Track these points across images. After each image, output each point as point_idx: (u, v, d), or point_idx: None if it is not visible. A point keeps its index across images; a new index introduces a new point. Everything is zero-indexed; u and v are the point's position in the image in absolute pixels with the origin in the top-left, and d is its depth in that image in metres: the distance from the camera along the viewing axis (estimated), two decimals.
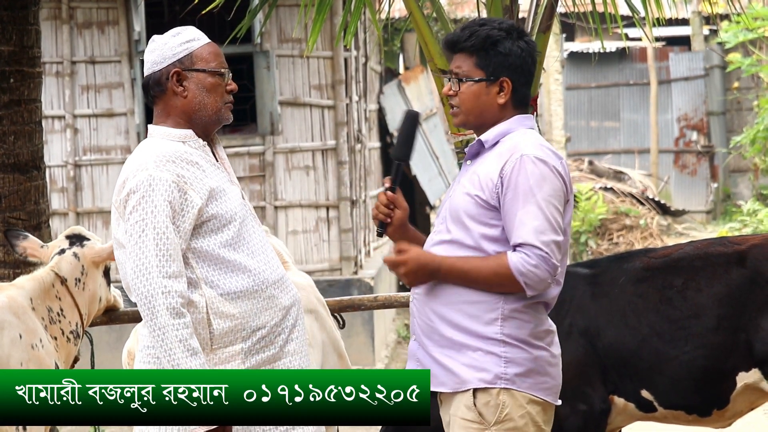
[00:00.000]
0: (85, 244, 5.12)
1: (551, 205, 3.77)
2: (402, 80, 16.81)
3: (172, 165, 3.85)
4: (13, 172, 6.25)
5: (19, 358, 4.70)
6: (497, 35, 3.88)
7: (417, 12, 5.62)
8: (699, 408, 5.15)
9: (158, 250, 3.77)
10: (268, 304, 3.93)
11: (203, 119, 3.97)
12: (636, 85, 23.31)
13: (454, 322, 3.85)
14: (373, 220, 4.09)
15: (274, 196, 12.15)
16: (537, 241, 3.74)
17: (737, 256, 5.16)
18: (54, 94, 12.09)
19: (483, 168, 3.87)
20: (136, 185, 3.81)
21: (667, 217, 20.48)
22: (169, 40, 3.97)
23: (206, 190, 3.87)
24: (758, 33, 16.56)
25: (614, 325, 5.18)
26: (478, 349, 3.82)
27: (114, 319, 5.44)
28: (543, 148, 3.83)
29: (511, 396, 3.82)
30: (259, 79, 12.03)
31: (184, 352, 3.71)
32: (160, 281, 3.75)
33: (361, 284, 11.97)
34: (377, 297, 5.89)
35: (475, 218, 3.84)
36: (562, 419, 5.15)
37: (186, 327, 3.74)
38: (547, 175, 3.78)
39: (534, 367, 3.84)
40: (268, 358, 3.92)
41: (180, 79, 3.94)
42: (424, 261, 3.87)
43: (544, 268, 3.75)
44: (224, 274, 3.88)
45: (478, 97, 3.91)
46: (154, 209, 3.78)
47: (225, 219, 3.90)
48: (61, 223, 11.90)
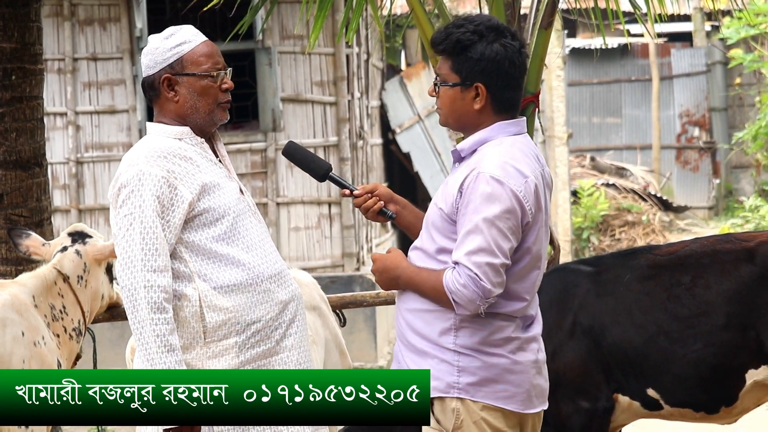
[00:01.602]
0: (87, 241, 5.12)
1: (494, 227, 3.68)
2: (404, 77, 16.80)
3: (162, 160, 3.89)
4: (15, 169, 6.25)
5: (21, 355, 4.70)
6: (468, 39, 3.78)
7: (419, 8, 5.62)
8: (707, 405, 5.13)
9: (144, 243, 3.81)
10: (264, 298, 3.94)
11: (197, 121, 4.00)
12: (638, 81, 23.29)
13: (416, 329, 3.85)
14: (374, 218, 4.10)
15: (276, 192, 12.15)
16: (468, 262, 3.68)
17: (746, 253, 5.14)
18: (56, 91, 12.09)
19: (453, 179, 3.83)
20: (127, 180, 3.87)
21: (669, 213, 20.46)
22: (161, 44, 3.98)
23: (198, 185, 3.90)
24: (760, 29, 16.54)
25: (620, 324, 5.16)
26: (435, 357, 3.80)
27: (116, 316, 5.44)
28: (506, 165, 3.73)
29: (464, 404, 3.79)
30: (261, 76, 12.02)
31: (159, 347, 3.75)
32: (144, 275, 3.79)
33: (363, 281, 11.97)
34: (379, 293, 5.89)
35: (438, 230, 3.83)
36: (565, 417, 5.15)
37: (166, 323, 3.78)
38: (499, 196, 3.69)
39: (488, 375, 3.78)
40: (263, 352, 3.93)
41: (171, 84, 3.97)
42: (387, 265, 3.90)
43: (472, 289, 3.68)
44: (217, 267, 3.90)
45: (454, 102, 3.84)
46: (141, 203, 3.83)
47: (218, 213, 3.92)
48: (63, 220, 11.90)
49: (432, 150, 16.71)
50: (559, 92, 15.55)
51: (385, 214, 4.06)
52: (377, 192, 4.05)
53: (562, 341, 5.06)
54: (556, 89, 15.51)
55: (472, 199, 3.71)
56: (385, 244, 14.87)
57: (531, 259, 3.81)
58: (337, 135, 12.26)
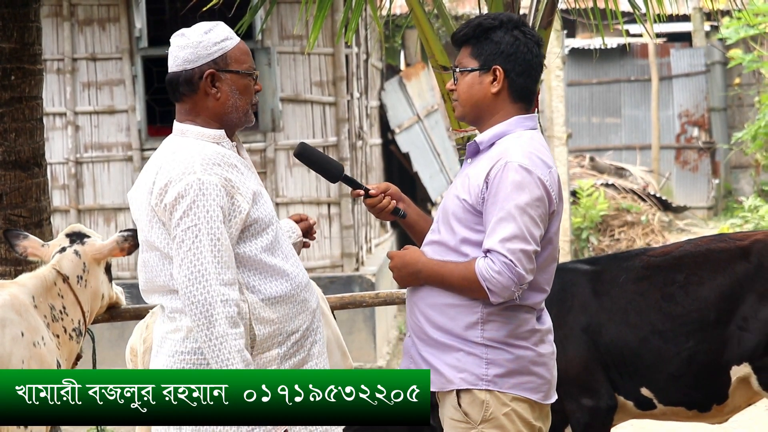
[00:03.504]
0: (85, 241, 5.12)
1: (526, 214, 3.74)
2: (403, 77, 16.80)
3: (218, 168, 3.76)
4: (15, 170, 6.24)
5: (21, 355, 4.70)
6: (489, 24, 3.89)
7: (418, 8, 5.62)
8: (700, 403, 5.15)
9: (213, 256, 3.68)
10: (302, 308, 3.90)
11: (233, 121, 3.90)
12: (637, 81, 23.29)
13: (438, 323, 3.87)
14: (385, 218, 4.10)
15: (276, 192, 12.15)
16: (503, 249, 3.72)
17: (740, 251, 5.16)
18: (55, 91, 12.09)
19: (474, 171, 3.87)
20: (185, 189, 3.70)
21: (668, 213, 20.47)
22: (203, 38, 3.86)
23: (250, 194, 3.80)
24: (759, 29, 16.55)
25: (615, 324, 5.18)
26: (461, 350, 3.84)
27: (116, 317, 5.44)
28: (531, 155, 3.81)
29: (493, 396, 3.83)
30: (261, 76, 11.99)
31: (240, 363, 3.66)
32: (219, 289, 3.67)
33: (362, 281, 11.97)
34: (379, 294, 5.89)
35: (461, 221, 3.85)
36: (568, 415, 5.16)
37: (241, 337, 3.69)
38: (528, 184, 3.76)
39: (516, 367, 3.84)
40: (299, 361, 3.90)
41: (214, 81, 3.86)
42: (407, 261, 3.91)
43: (507, 276, 3.72)
44: (265, 279, 3.82)
45: (472, 87, 3.91)
46: (206, 214, 3.69)
47: (264, 223, 3.84)
48: (63, 220, 11.90)
49: (431, 150, 16.71)
50: (559, 92, 15.55)
51: (398, 212, 4.08)
52: (389, 192, 4.07)
53: (562, 339, 5.07)
54: (556, 89, 15.51)
55: (502, 187, 3.75)
56: (384, 244, 14.87)
57: (552, 249, 3.88)
58: (336, 135, 12.26)
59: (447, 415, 3.91)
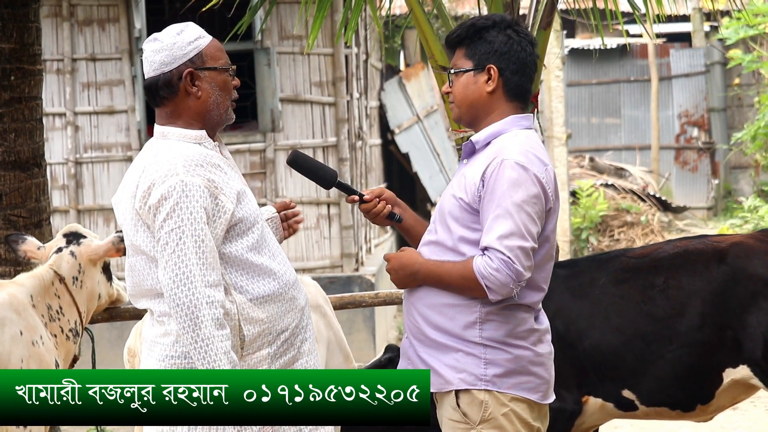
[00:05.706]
0: (81, 242, 5.12)
1: (522, 211, 3.75)
2: (403, 77, 16.81)
3: (201, 169, 3.75)
4: (14, 170, 6.24)
5: (20, 354, 4.70)
6: (482, 24, 3.91)
7: (418, 9, 5.62)
8: (683, 404, 5.17)
9: (198, 258, 3.67)
10: (290, 306, 3.89)
11: (215, 119, 3.89)
12: (637, 81, 23.30)
13: (436, 324, 3.87)
14: (381, 223, 4.10)
15: (275, 193, 12.14)
16: (501, 246, 3.72)
17: (717, 253, 5.17)
18: (55, 91, 12.09)
19: (471, 170, 3.87)
20: (168, 191, 3.69)
21: (668, 214, 20.47)
22: (177, 39, 3.86)
23: (234, 194, 3.79)
24: (759, 29, 16.55)
25: (596, 327, 5.18)
26: (459, 351, 3.84)
27: (115, 317, 5.44)
28: (528, 153, 3.81)
29: (492, 396, 3.83)
30: (260, 76, 12.02)
31: (227, 365, 3.65)
32: (204, 291, 3.65)
33: (362, 281, 11.97)
34: (378, 294, 5.89)
35: (458, 220, 3.85)
36: None
37: (228, 339, 3.68)
38: (524, 181, 3.76)
39: (514, 367, 3.84)
40: (289, 359, 3.89)
41: (193, 79, 3.85)
42: (404, 262, 3.91)
43: (505, 273, 3.72)
44: (252, 278, 3.81)
45: (467, 87, 3.92)
46: (190, 216, 3.68)
47: (249, 222, 3.82)
48: (62, 220, 11.90)
49: (431, 150, 16.71)
50: (558, 93, 15.55)
51: (393, 217, 4.08)
52: (384, 196, 4.07)
53: None
54: (555, 90, 15.51)
55: (498, 185, 3.76)
56: (383, 244, 14.87)
57: (549, 248, 3.88)
58: (336, 135, 12.26)
59: (445, 416, 3.91)
